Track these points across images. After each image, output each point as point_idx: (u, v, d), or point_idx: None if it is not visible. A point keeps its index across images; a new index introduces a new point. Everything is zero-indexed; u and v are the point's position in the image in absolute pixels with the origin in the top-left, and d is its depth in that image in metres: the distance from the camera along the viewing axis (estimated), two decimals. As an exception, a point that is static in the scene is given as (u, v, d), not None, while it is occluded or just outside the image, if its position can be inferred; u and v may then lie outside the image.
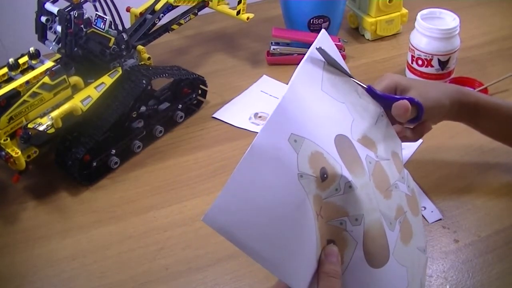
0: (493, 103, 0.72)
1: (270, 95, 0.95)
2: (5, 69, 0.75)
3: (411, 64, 0.94)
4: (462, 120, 0.75)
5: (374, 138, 0.62)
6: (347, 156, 0.56)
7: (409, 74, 0.96)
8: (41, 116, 0.73)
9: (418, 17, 0.91)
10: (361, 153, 0.58)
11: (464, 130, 0.75)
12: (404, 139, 0.69)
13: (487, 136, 0.76)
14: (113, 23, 0.79)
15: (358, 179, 0.56)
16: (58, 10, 0.78)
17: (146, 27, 0.90)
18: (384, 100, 0.65)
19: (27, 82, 0.72)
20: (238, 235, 0.43)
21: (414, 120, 0.67)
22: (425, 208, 0.72)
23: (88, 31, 0.79)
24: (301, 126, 0.51)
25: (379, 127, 0.63)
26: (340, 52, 1.00)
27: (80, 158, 0.75)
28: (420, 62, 0.92)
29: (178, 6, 0.94)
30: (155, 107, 0.85)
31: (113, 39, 0.80)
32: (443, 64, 0.91)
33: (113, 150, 0.80)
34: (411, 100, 0.65)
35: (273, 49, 1.03)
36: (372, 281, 0.53)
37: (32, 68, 0.76)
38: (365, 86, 0.64)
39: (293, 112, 0.51)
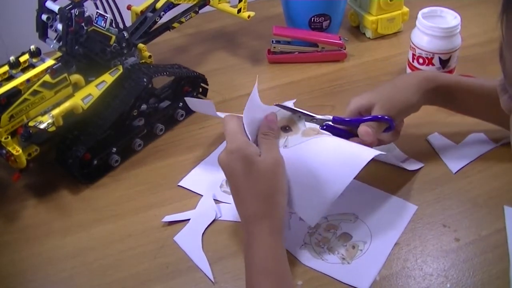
0: (463, 82, 0.74)
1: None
2: (6, 67, 0.75)
3: (412, 63, 0.94)
4: (438, 104, 0.78)
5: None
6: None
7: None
8: (42, 114, 0.73)
9: (419, 15, 0.91)
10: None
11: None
12: (383, 143, 0.73)
13: (464, 114, 0.79)
14: (114, 21, 0.79)
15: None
16: (59, 8, 0.77)
17: (147, 25, 0.90)
18: (353, 123, 0.71)
19: (28, 80, 0.72)
20: None
21: (387, 130, 0.71)
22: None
23: (89, 29, 0.79)
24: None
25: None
26: (340, 50, 1.02)
27: (80, 156, 0.75)
28: (421, 60, 0.92)
29: (179, 4, 0.93)
30: (156, 105, 0.85)
31: (114, 37, 0.79)
32: (444, 62, 0.91)
33: (113, 148, 0.80)
34: (376, 118, 0.68)
35: (274, 47, 1.03)
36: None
37: (33, 66, 0.76)
38: (330, 118, 0.71)
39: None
